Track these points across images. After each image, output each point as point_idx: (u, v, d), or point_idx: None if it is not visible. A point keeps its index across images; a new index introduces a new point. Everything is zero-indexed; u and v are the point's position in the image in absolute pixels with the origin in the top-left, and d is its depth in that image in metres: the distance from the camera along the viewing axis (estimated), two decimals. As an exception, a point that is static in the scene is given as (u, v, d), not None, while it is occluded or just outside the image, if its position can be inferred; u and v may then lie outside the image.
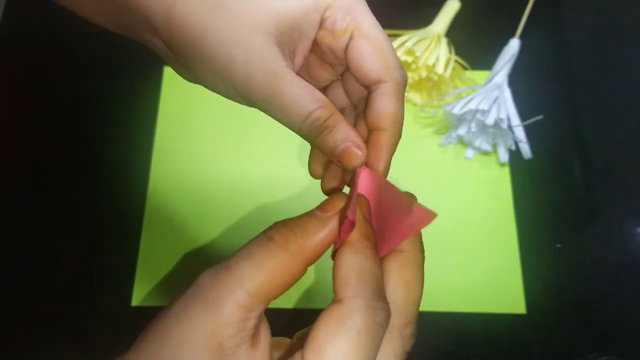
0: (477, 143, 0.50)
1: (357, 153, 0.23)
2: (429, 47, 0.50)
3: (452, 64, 0.50)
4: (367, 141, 0.25)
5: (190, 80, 0.26)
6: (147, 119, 0.52)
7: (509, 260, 0.47)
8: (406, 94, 0.53)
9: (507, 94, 0.49)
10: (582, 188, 0.50)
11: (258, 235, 0.21)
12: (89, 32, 0.50)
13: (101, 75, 0.54)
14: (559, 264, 0.47)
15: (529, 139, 0.49)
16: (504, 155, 0.50)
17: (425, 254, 0.23)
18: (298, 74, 0.24)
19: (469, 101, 0.47)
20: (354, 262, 0.21)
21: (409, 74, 0.50)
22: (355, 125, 0.27)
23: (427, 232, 0.52)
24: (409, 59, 0.49)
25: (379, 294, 0.20)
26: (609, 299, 0.46)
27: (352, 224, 0.22)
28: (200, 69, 0.24)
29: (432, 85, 0.51)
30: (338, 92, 0.29)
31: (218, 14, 0.23)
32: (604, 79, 0.55)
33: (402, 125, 0.26)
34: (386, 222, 0.23)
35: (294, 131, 0.24)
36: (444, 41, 0.51)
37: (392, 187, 0.23)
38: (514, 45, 0.51)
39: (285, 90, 0.23)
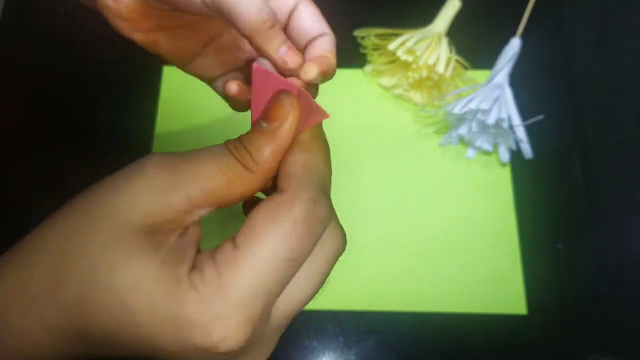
0: (478, 143, 0.50)
1: (297, 57, 0.23)
2: (430, 46, 0.50)
3: (452, 63, 0.50)
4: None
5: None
6: (147, 119, 0.52)
7: (509, 261, 0.47)
8: (406, 93, 0.53)
9: (508, 93, 0.49)
10: (583, 188, 0.50)
11: (217, 145, 0.21)
12: (89, 31, 0.50)
13: (100, 74, 0.54)
14: (560, 264, 0.47)
15: (530, 139, 0.49)
16: (504, 155, 0.50)
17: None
18: None
19: (470, 101, 0.47)
20: (303, 157, 0.20)
21: (410, 74, 0.50)
22: None
23: (428, 233, 0.52)
24: (410, 59, 0.49)
25: (324, 190, 0.20)
26: (610, 300, 0.46)
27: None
28: None
29: (433, 84, 0.51)
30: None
31: None
32: (605, 79, 0.54)
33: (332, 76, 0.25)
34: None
35: (244, 23, 0.23)
36: (444, 40, 0.51)
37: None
38: (515, 45, 0.51)
39: None
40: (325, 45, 0.26)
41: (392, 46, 0.50)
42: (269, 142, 0.20)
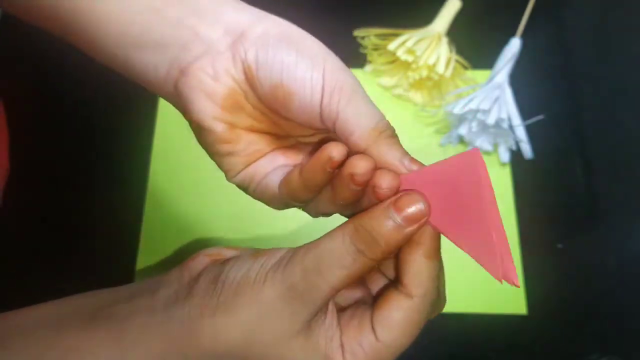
0: (478, 143, 0.50)
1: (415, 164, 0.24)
2: (430, 46, 0.50)
3: (452, 63, 0.50)
4: None
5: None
6: (147, 119, 0.52)
7: (510, 261, 0.47)
8: (406, 93, 0.53)
9: (508, 93, 0.49)
10: (583, 188, 0.50)
11: (346, 235, 0.23)
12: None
13: (100, 75, 0.54)
14: (560, 264, 0.47)
15: (530, 139, 0.49)
16: (504, 155, 0.50)
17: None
18: None
19: (470, 101, 0.47)
20: (428, 266, 0.23)
21: (410, 74, 0.50)
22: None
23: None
24: (410, 59, 0.49)
25: (439, 293, 0.24)
26: (610, 300, 0.46)
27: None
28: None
29: (433, 84, 0.51)
30: None
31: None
32: (605, 79, 0.54)
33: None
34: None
35: (360, 135, 0.23)
36: (444, 40, 0.51)
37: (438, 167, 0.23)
38: (514, 45, 0.51)
39: (359, 97, 0.24)
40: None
41: (392, 46, 0.50)
42: (401, 242, 0.23)
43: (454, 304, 0.45)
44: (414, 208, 0.22)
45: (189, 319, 0.23)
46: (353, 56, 0.54)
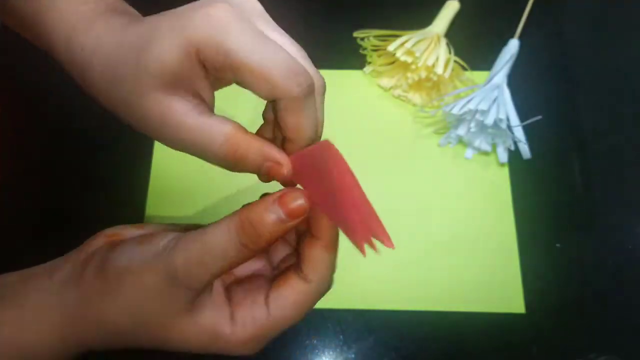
0: (476, 143, 0.50)
1: (280, 170, 0.25)
2: (429, 47, 0.50)
3: (451, 64, 0.50)
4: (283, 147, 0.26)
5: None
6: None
7: (508, 260, 0.47)
8: (406, 94, 0.53)
9: (507, 94, 0.49)
10: (581, 188, 0.50)
11: (232, 229, 0.24)
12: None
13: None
14: (558, 264, 0.47)
15: (528, 139, 0.49)
16: (503, 155, 0.50)
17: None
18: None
19: (469, 101, 0.47)
20: (326, 256, 0.26)
21: (409, 75, 0.50)
22: None
23: (426, 232, 0.52)
24: (409, 59, 0.50)
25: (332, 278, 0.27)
26: (608, 299, 0.46)
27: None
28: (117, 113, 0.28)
29: (432, 85, 0.51)
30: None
31: (122, 69, 0.25)
32: (603, 80, 0.55)
33: (309, 130, 0.25)
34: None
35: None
36: (443, 41, 0.51)
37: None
38: (513, 46, 0.51)
39: (188, 136, 0.24)
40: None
41: (391, 47, 0.50)
42: (282, 234, 0.24)
43: (452, 303, 0.46)
44: (296, 204, 0.23)
45: (80, 301, 0.25)
46: (353, 57, 0.54)
